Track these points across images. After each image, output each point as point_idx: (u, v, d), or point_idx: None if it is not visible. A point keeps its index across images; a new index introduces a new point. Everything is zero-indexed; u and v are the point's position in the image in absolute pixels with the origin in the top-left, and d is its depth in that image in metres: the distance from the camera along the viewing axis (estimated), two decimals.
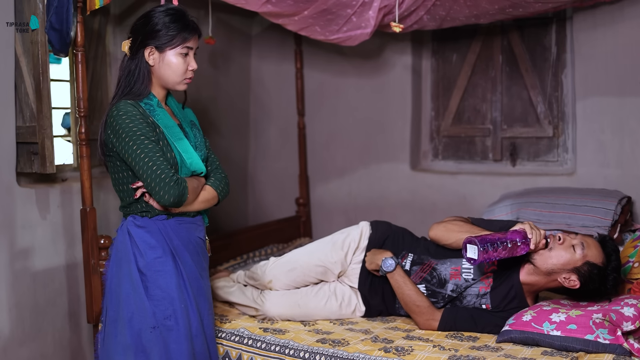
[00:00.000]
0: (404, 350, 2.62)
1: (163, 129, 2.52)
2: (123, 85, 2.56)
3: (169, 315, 2.44)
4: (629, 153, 3.92)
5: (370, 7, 3.29)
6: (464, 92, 4.51)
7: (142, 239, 2.49)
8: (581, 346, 2.57)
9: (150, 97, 2.56)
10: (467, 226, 2.99)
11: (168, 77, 2.56)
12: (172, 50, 2.52)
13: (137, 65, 2.54)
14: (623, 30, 3.88)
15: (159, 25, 2.50)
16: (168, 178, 2.39)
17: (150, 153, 2.40)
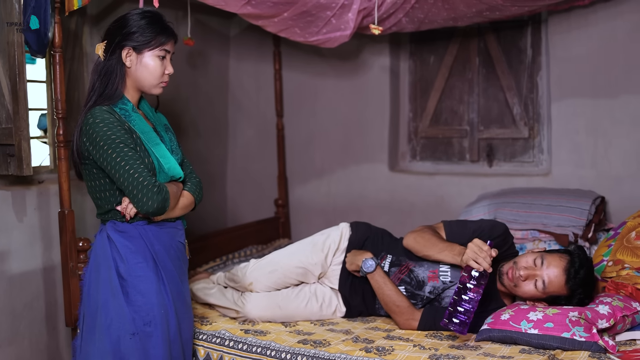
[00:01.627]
0: (385, 350, 2.64)
1: (140, 135, 2.48)
2: (98, 88, 2.51)
3: (148, 321, 2.41)
4: (602, 154, 3.98)
5: (349, 9, 3.31)
6: (442, 94, 4.55)
7: (123, 244, 2.45)
8: (558, 344, 2.61)
9: (124, 102, 2.52)
10: (432, 241, 2.97)
11: (145, 80, 2.53)
12: (150, 52, 2.50)
13: (113, 66, 2.50)
14: (596, 33, 3.94)
15: (137, 27, 2.48)
16: (151, 185, 2.36)
17: (130, 160, 2.37)
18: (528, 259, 2.85)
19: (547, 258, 2.82)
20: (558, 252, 2.87)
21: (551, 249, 2.96)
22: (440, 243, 2.95)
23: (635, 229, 3.14)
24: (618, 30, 3.88)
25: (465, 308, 2.60)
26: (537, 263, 2.82)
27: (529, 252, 2.91)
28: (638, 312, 2.82)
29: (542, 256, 2.83)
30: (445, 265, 3.01)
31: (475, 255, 2.65)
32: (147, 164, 2.44)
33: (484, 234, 2.98)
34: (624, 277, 2.97)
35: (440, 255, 2.92)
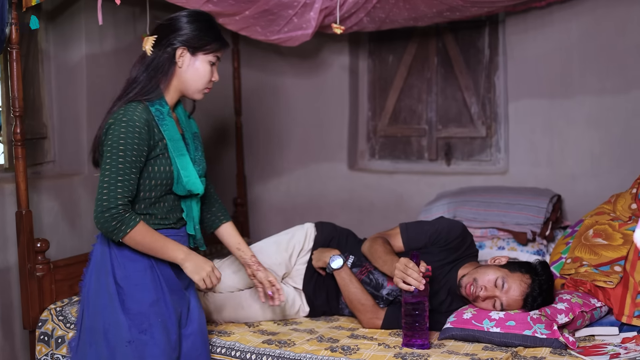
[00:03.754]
0: (350, 350, 2.64)
1: (167, 142, 2.39)
2: (142, 81, 2.41)
3: (144, 329, 2.35)
4: (558, 153, 4.06)
5: (311, 8, 3.31)
6: (400, 93, 4.58)
7: (122, 251, 2.37)
8: (520, 341, 2.65)
9: (162, 103, 2.42)
10: (378, 254, 2.94)
11: (192, 83, 2.45)
12: (205, 56, 2.43)
13: (163, 63, 2.41)
14: (552, 34, 4.02)
15: (195, 29, 2.41)
16: (107, 207, 2.25)
17: (113, 172, 2.26)
18: (490, 277, 2.81)
19: (508, 281, 2.78)
20: (520, 270, 2.81)
21: (514, 262, 2.90)
22: (384, 256, 2.90)
23: (592, 226, 3.21)
24: (573, 31, 3.96)
25: (417, 326, 2.64)
26: (497, 284, 2.78)
27: (491, 266, 2.87)
28: (596, 309, 2.89)
29: (504, 278, 2.78)
30: None
31: (403, 275, 2.63)
32: (163, 172, 2.37)
33: (441, 237, 3.00)
34: (583, 274, 3.03)
35: (383, 268, 2.90)
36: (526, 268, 2.83)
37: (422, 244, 3.00)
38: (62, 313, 3.06)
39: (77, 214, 3.68)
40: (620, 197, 3.32)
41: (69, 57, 3.77)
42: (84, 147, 3.79)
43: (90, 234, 3.74)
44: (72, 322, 3.00)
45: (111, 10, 3.71)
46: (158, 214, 2.42)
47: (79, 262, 3.34)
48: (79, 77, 3.78)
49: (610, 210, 3.31)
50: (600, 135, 3.94)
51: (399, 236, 3.03)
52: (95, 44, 3.84)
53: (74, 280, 3.30)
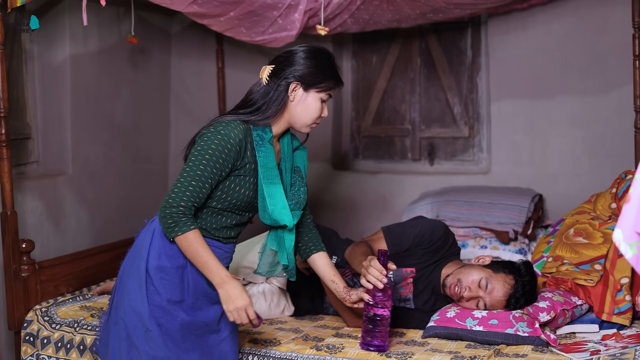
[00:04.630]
0: (335, 348, 2.67)
1: (259, 168, 2.40)
2: (253, 107, 2.42)
3: (161, 323, 2.35)
4: (540, 153, 4.11)
5: (296, 9, 3.32)
6: (384, 93, 4.61)
7: (163, 243, 2.37)
8: (502, 340, 2.69)
9: (266, 131, 2.43)
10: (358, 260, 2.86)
11: (300, 118, 2.44)
12: (318, 94, 2.42)
13: (278, 95, 2.41)
14: (534, 35, 4.06)
15: (313, 65, 2.40)
16: (170, 204, 2.27)
17: (190, 176, 2.28)
18: (474, 278, 2.83)
19: (492, 281, 2.81)
20: (504, 271, 2.84)
21: (498, 262, 2.93)
22: (360, 257, 2.86)
23: (573, 225, 3.25)
24: (554, 33, 4.01)
25: (377, 332, 2.60)
26: (481, 285, 2.81)
27: (475, 267, 2.89)
28: (577, 306, 2.93)
29: (488, 279, 2.81)
30: None
31: (365, 272, 2.57)
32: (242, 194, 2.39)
33: (425, 239, 3.01)
34: (564, 272, 3.07)
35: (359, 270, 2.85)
36: (510, 268, 2.86)
37: (406, 247, 3.02)
38: (47, 314, 3.06)
39: (61, 214, 3.68)
40: (600, 196, 3.37)
41: (53, 58, 3.76)
42: (68, 148, 3.79)
43: (75, 234, 3.74)
44: (57, 322, 3.01)
45: (95, 10, 3.71)
46: (213, 224, 2.42)
47: (64, 263, 3.36)
48: (63, 78, 3.78)
49: (590, 209, 3.36)
50: (582, 136, 3.99)
51: (383, 241, 3.02)
52: (79, 45, 3.84)
53: (59, 281, 3.31)
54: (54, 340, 2.96)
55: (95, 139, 3.98)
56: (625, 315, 2.84)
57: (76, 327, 2.97)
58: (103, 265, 3.61)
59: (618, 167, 3.63)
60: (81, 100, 3.85)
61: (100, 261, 3.59)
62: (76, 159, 3.82)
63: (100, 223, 3.95)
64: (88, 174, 3.90)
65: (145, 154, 4.48)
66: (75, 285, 3.43)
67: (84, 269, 3.49)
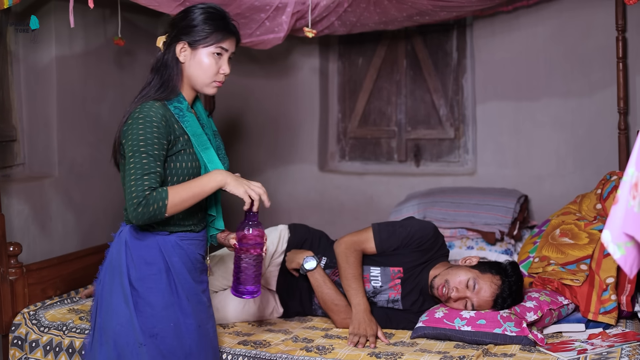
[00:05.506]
0: (325, 349, 2.68)
1: (191, 137, 2.36)
2: (155, 84, 2.39)
3: (155, 333, 2.30)
4: (525, 154, 4.15)
5: (283, 12, 3.34)
6: (370, 95, 4.63)
7: (139, 252, 2.33)
8: (490, 339, 2.71)
9: (180, 100, 2.39)
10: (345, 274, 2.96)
11: (197, 77, 2.38)
12: (205, 49, 2.36)
13: (169, 61, 2.38)
14: (519, 38, 4.10)
15: (196, 21, 2.35)
16: (138, 202, 2.18)
17: (139, 169, 2.22)
18: (461, 278, 2.86)
19: (479, 282, 2.83)
20: (491, 272, 2.87)
21: (484, 263, 2.96)
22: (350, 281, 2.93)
23: (559, 226, 3.29)
24: (539, 35, 4.05)
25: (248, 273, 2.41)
26: (469, 285, 2.84)
27: (462, 267, 2.92)
28: (564, 306, 2.96)
29: (475, 279, 2.84)
30: (375, 269, 3.06)
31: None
32: (189, 168, 2.33)
33: (414, 240, 3.03)
34: (550, 272, 3.10)
35: (347, 293, 2.94)
36: (496, 269, 2.89)
37: (395, 247, 3.04)
38: (35, 317, 3.05)
39: (47, 217, 3.66)
40: (585, 197, 3.41)
41: (39, 59, 3.74)
42: (54, 150, 3.77)
43: (62, 237, 3.73)
44: (45, 325, 3.00)
45: (81, 12, 3.68)
46: (179, 214, 2.33)
47: (52, 266, 3.34)
48: (48, 79, 3.76)
49: (576, 210, 3.39)
50: (566, 137, 4.03)
51: (372, 240, 3.04)
52: (65, 46, 3.82)
53: (46, 283, 3.29)
54: (42, 344, 2.95)
55: (82, 141, 3.97)
56: (611, 314, 2.87)
57: (64, 330, 2.96)
58: (90, 268, 3.58)
59: (602, 168, 3.68)
60: (67, 102, 3.83)
61: (88, 264, 3.57)
62: (62, 161, 3.80)
63: (87, 225, 3.93)
64: (74, 176, 3.89)
65: None
66: (63, 288, 3.41)
67: (72, 272, 3.47)
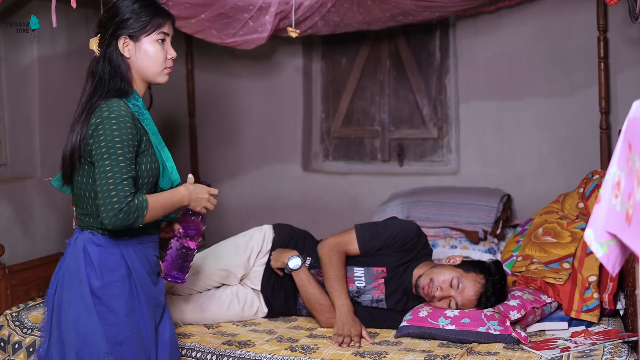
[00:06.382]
0: (310, 349, 2.68)
1: (150, 135, 2.30)
2: (102, 87, 2.29)
3: (120, 341, 2.23)
4: (507, 153, 4.17)
5: (266, 12, 3.33)
6: (353, 95, 4.64)
7: (100, 259, 2.24)
8: (474, 338, 2.73)
9: (136, 97, 2.31)
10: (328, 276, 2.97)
11: (147, 68, 2.31)
12: (148, 38, 2.30)
13: (114, 59, 2.29)
14: (501, 38, 4.12)
15: (130, 12, 2.28)
16: (118, 204, 2.11)
17: (117, 171, 2.14)
18: (445, 277, 2.88)
19: (463, 281, 2.86)
20: (474, 270, 2.89)
21: (468, 262, 2.99)
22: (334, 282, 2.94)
23: (542, 225, 3.31)
24: (521, 35, 4.07)
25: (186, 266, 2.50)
26: (453, 284, 2.86)
27: (447, 266, 2.94)
28: (547, 304, 2.98)
29: (459, 278, 2.86)
30: (359, 269, 3.07)
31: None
32: (151, 169, 2.28)
33: (397, 240, 3.04)
34: (533, 271, 3.12)
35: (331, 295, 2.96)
36: (480, 268, 2.91)
37: (378, 247, 3.05)
38: (18, 318, 3.03)
39: (30, 218, 3.63)
40: (568, 196, 3.43)
41: (21, 60, 3.72)
42: (36, 150, 3.74)
43: (44, 238, 3.70)
44: (28, 327, 2.98)
45: (63, 12, 3.66)
46: None
47: (35, 267, 3.32)
48: (30, 80, 3.73)
49: (558, 209, 3.42)
50: (548, 136, 4.06)
51: (355, 241, 3.05)
52: (47, 46, 3.79)
53: (29, 285, 3.27)
54: (25, 345, 2.93)
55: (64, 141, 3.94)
56: (593, 312, 2.90)
57: None
58: None
59: (584, 167, 3.70)
60: (49, 102, 3.81)
61: None
62: (45, 161, 3.77)
63: (69, 226, 3.90)
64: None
65: None
66: (46, 289, 3.37)
67: None
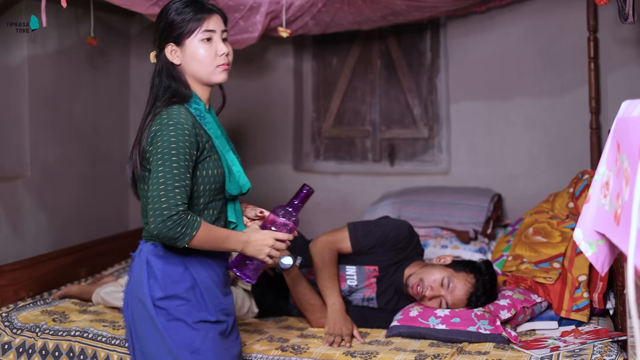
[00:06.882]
0: (301, 349, 2.68)
1: (213, 139, 2.23)
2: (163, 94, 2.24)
3: (196, 348, 2.17)
4: (498, 153, 4.18)
5: (257, 11, 3.34)
6: (344, 95, 4.63)
7: (163, 271, 2.18)
8: (465, 337, 2.73)
9: (197, 101, 2.25)
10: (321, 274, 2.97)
11: (198, 70, 2.24)
12: (191, 39, 2.22)
13: (165, 69, 2.25)
14: (492, 38, 4.13)
15: (171, 17, 2.22)
16: (168, 215, 2.03)
17: (169, 178, 2.06)
18: (436, 277, 2.89)
19: (454, 280, 2.87)
20: (465, 270, 2.90)
21: (459, 262, 3.00)
22: (326, 281, 2.94)
23: (532, 225, 3.32)
24: (512, 35, 4.08)
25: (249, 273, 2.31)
26: (443, 284, 2.87)
27: (437, 266, 2.95)
28: (537, 304, 2.99)
29: (449, 278, 2.87)
30: (351, 268, 3.07)
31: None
32: (215, 175, 2.21)
33: (389, 239, 3.05)
34: (523, 271, 3.13)
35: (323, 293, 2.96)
36: (470, 267, 2.92)
37: (370, 246, 3.05)
38: (8, 319, 3.01)
39: (20, 217, 3.62)
40: (558, 196, 3.44)
41: (11, 59, 3.70)
42: (26, 150, 3.73)
43: (34, 238, 3.68)
44: (18, 327, 2.97)
45: (54, 11, 3.65)
46: None
47: (24, 267, 3.32)
48: (20, 79, 3.72)
49: (548, 208, 3.43)
50: (538, 136, 4.07)
51: (348, 239, 3.05)
52: (37, 46, 3.78)
53: (19, 285, 3.26)
54: (15, 346, 2.92)
55: (54, 141, 3.93)
56: (583, 312, 2.91)
57: (38, 332, 2.93)
58: (64, 269, 3.57)
59: (574, 166, 3.72)
60: (39, 102, 3.79)
61: (61, 265, 3.55)
62: (35, 161, 3.76)
63: (59, 226, 3.89)
64: (47, 177, 3.85)
65: (104, 155, 4.43)
66: (36, 289, 3.38)
67: (45, 273, 3.44)
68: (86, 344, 2.85)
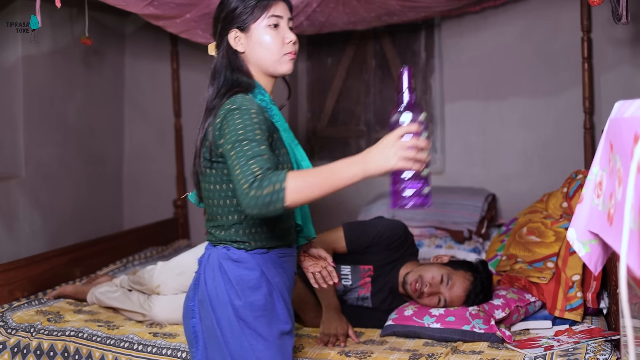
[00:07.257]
0: (295, 349, 2.68)
1: (281, 133, 2.06)
2: (225, 85, 2.06)
3: None
4: (492, 153, 4.19)
5: None
6: (339, 95, 4.64)
7: (239, 277, 2.03)
8: (459, 336, 2.74)
9: (261, 92, 2.08)
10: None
11: (264, 58, 2.07)
12: (257, 25, 2.06)
13: (230, 55, 2.09)
14: (486, 38, 4.15)
15: (235, 2, 2.07)
16: (248, 188, 1.78)
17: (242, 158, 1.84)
18: (434, 274, 2.89)
19: (452, 277, 2.88)
20: (463, 268, 2.92)
21: (456, 261, 3.02)
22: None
23: (526, 224, 3.33)
24: (506, 35, 4.10)
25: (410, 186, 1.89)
26: (443, 280, 2.88)
27: (435, 264, 2.96)
28: (531, 303, 3.00)
29: (448, 275, 2.88)
30: (346, 268, 3.07)
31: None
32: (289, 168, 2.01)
33: (384, 239, 3.05)
34: (518, 270, 3.14)
35: (317, 291, 2.89)
36: (468, 266, 2.94)
37: (365, 246, 3.06)
38: (2, 319, 3.01)
39: (14, 217, 3.62)
40: (552, 196, 3.45)
41: (5, 59, 3.70)
42: (20, 150, 3.73)
43: (29, 238, 3.69)
44: (13, 327, 2.97)
45: (48, 11, 3.64)
46: (272, 227, 2.06)
47: (19, 267, 3.31)
48: (15, 79, 3.72)
49: (542, 208, 3.44)
50: (533, 136, 4.09)
51: (343, 239, 3.05)
52: (31, 45, 3.78)
53: (13, 285, 3.26)
54: (9, 346, 2.92)
55: (49, 141, 3.93)
56: (576, 311, 2.92)
57: (32, 332, 2.93)
58: (58, 269, 3.56)
59: (568, 166, 3.73)
60: (34, 102, 3.79)
61: (56, 265, 3.54)
62: (29, 161, 3.76)
63: (54, 226, 3.90)
64: (41, 177, 3.85)
65: (99, 155, 4.44)
66: (30, 289, 3.38)
67: (39, 273, 3.44)
68: (81, 344, 2.85)
